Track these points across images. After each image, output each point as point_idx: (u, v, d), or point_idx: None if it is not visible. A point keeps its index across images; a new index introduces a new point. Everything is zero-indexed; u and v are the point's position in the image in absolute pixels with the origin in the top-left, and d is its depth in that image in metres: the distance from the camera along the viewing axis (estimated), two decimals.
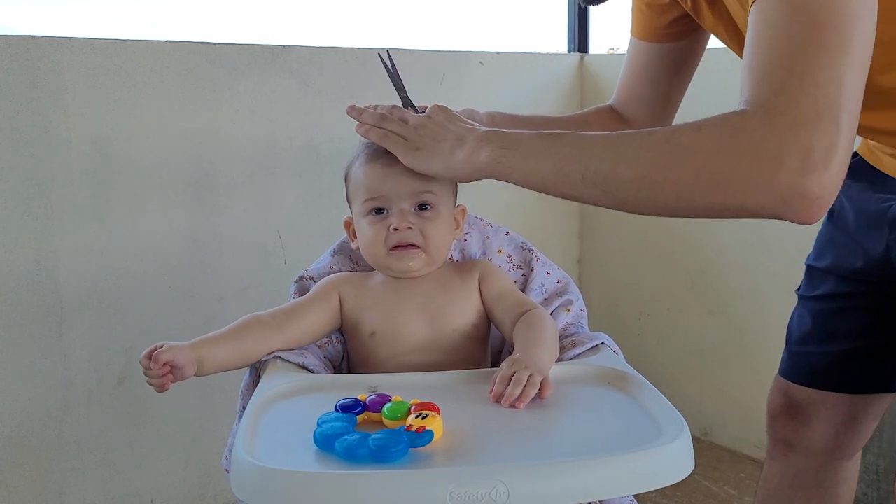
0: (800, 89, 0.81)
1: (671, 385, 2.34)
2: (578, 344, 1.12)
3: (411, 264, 1.13)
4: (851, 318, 1.34)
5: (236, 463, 0.82)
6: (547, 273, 1.25)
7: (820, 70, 0.81)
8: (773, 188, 0.82)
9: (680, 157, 0.86)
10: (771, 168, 0.82)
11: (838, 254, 1.32)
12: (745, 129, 0.83)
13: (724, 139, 0.84)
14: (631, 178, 0.89)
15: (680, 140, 0.87)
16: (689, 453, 0.84)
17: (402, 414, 0.89)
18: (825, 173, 0.81)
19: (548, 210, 2.66)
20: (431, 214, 1.13)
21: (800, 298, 1.42)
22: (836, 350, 1.35)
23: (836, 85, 0.82)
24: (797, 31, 0.83)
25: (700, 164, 0.85)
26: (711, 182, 0.85)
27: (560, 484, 0.78)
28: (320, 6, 2.41)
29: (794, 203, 0.83)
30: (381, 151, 1.11)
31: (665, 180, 0.87)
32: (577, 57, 2.67)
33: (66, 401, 1.85)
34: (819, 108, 0.81)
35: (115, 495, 1.94)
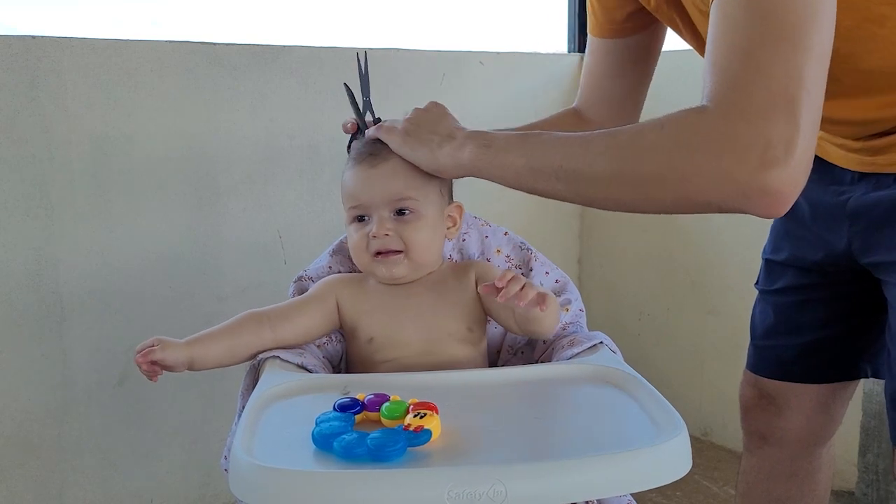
0: (754, 83, 0.81)
1: (671, 385, 2.34)
2: (577, 343, 1.12)
3: (395, 271, 1.13)
4: (814, 309, 1.35)
5: (235, 462, 0.82)
6: (546, 273, 1.25)
7: (775, 64, 0.81)
8: (734, 183, 0.83)
9: (645, 156, 0.88)
10: (730, 163, 0.82)
11: (796, 246, 1.33)
12: (703, 125, 0.84)
13: (684, 136, 0.85)
14: (599, 175, 0.91)
15: (645, 138, 0.88)
16: (687, 452, 0.84)
17: (401, 413, 0.89)
18: (785, 168, 0.81)
19: (548, 210, 2.65)
20: (411, 218, 1.12)
21: (760, 292, 1.43)
22: (801, 342, 1.36)
23: (791, 78, 0.81)
24: (753, 25, 0.83)
25: (664, 161, 0.86)
26: (675, 179, 0.86)
27: (558, 483, 0.78)
28: (320, 6, 2.41)
29: (756, 198, 0.83)
30: (364, 154, 1.14)
31: (632, 178, 0.89)
32: (577, 57, 2.67)
33: (66, 401, 1.85)
34: (774, 101, 0.81)
35: (115, 495, 1.95)
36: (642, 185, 0.89)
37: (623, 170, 0.89)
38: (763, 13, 0.83)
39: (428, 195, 1.14)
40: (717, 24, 0.86)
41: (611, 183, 0.91)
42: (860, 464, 2.11)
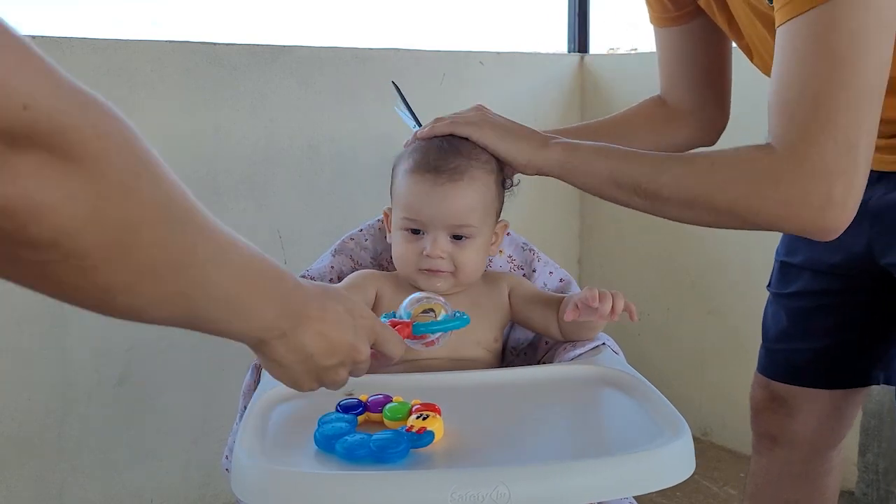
0: (823, 134, 0.92)
1: (671, 385, 2.33)
2: (579, 345, 1.12)
3: (438, 286, 1.12)
4: (829, 314, 1.34)
5: (237, 463, 0.82)
6: (549, 273, 1.25)
7: (842, 113, 0.91)
8: (799, 221, 0.96)
9: (718, 191, 1.00)
10: (797, 208, 0.95)
11: (814, 249, 1.31)
12: (774, 173, 0.95)
13: (755, 179, 0.97)
14: (675, 200, 1.03)
15: (719, 174, 1.00)
16: (690, 454, 0.84)
17: (404, 414, 0.89)
18: (843, 210, 0.94)
19: (548, 210, 2.65)
20: (467, 244, 1.11)
21: (773, 295, 1.42)
22: (814, 347, 1.35)
23: (855, 127, 0.92)
24: (824, 70, 0.92)
25: (736, 199, 0.98)
26: (745, 213, 0.99)
27: (561, 485, 0.78)
28: (320, 6, 2.41)
29: (815, 232, 0.97)
30: (431, 165, 1.09)
31: (706, 206, 1.01)
32: (577, 57, 2.67)
33: (66, 401, 1.85)
34: (840, 155, 0.92)
35: (115, 495, 1.94)
36: (714, 213, 1.02)
37: (698, 199, 1.01)
38: (834, 59, 0.91)
39: (486, 220, 1.13)
40: (787, 59, 0.95)
41: (685, 207, 1.03)
42: (860, 464, 2.11)
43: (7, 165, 0.44)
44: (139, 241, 0.53)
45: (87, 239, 0.49)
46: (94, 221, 0.49)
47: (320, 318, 0.72)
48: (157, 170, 0.54)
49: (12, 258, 0.49)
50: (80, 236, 0.49)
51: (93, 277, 0.52)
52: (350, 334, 0.75)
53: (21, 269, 0.51)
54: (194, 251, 0.58)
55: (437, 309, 0.97)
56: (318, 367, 0.74)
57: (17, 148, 0.44)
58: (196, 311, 0.61)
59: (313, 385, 0.77)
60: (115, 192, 0.50)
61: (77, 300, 0.54)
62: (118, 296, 0.55)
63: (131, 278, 0.54)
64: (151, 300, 0.57)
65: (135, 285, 0.55)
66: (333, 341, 0.73)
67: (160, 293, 0.57)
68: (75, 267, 0.50)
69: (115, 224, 0.50)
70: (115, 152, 0.49)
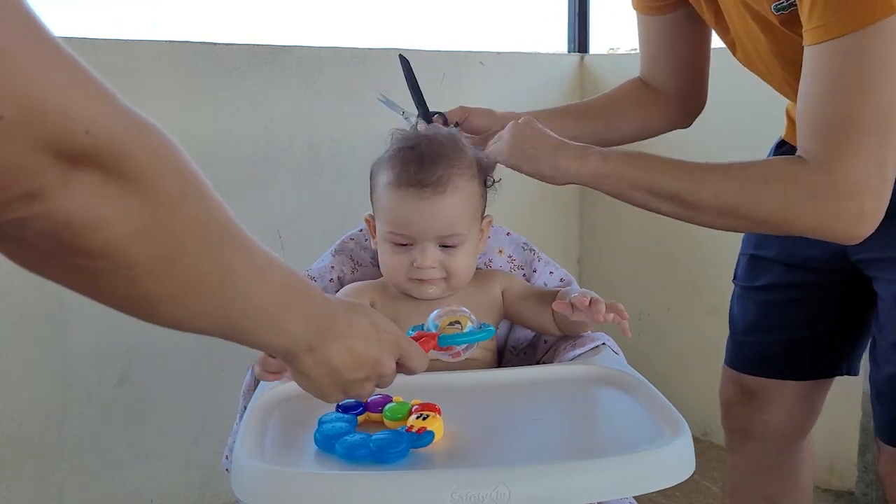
0: (855, 154, 0.98)
1: (671, 385, 2.33)
2: (580, 345, 1.12)
3: (430, 291, 1.12)
4: (799, 307, 1.36)
5: (237, 463, 0.82)
6: (550, 273, 1.25)
7: (873, 134, 0.98)
8: (830, 234, 1.04)
9: (754, 204, 1.05)
10: (829, 222, 1.02)
11: (787, 243, 1.33)
12: (809, 189, 1.01)
13: (792, 196, 1.02)
14: (711, 209, 1.07)
15: (755, 187, 1.05)
16: (691, 454, 0.84)
17: (403, 414, 0.89)
18: (873, 223, 1.01)
19: (548, 210, 2.65)
20: (457, 250, 1.11)
21: (741, 288, 1.44)
22: (783, 339, 1.37)
23: (885, 146, 0.98)
24: (854, 94, 0.97)
25: (771, 212, 1.04)
26: (779, 224, 1.06)
27: (561, 485, 0.78)
28: (320, 6, 2.41)
29: (845, 241, 1.05)
30: (414, 179, 1.08)
31: (742, 216, 1.06)
32: (577, 57, 2.67)
33: (66, 401, 1.85)
34: (871, 173, 0.99)
35: (115, 495, 1.94)
36: (749, 222, 1.09)
37: (734, 210, 1.06)
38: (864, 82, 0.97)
39: (472, 225, 1.13)
40: (820, 80, 1.00)
41: (720, 216, 1.08)
42: (860, 464, 2.11)
43: (69, 183, 0.49)
44: (183, 256, 0.57)
45: (135, 251, 0.54)
46: (143, 236, 0.54)
47: (347, 334, 0.75)
48: (203, 190, 0.59)
49: (69, 266, 0.54)
50: (129, 249, 0.54)
51: (139, 287, 0.57)
52: (375, 349, 0.77)
53: (76, 277, 0.56)
54: (232, 267, 0.62)
55: (464, 321, 0.98)
56: (344, 380, 0.76)
57: (78, 167, 0.49)
58: (233, 324, 0.65)
59: (339, 397, 0.79)
60: (163, 210, 0.54)
61: (125, 307, 0.59)
62: (161, 306, 0.59)
63: (174, 290, 0.59)
64: (193, 312, 0.62)
65: (178, 297, 0.59)
66: (359, 356, 0.76)
67: (201, 305, 0.62)
68: (124, 277, 0.55)
69: (161, 239, 0.55)
70: (165, 174, 0.54)
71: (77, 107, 0.48)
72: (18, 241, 0.52)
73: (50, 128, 0.46)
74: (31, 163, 0.47)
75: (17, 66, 0.44)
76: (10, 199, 0.48)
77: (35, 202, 0.48)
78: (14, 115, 0.45)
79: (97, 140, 0.49)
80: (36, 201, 0.48)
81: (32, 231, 0.50)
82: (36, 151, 0.47)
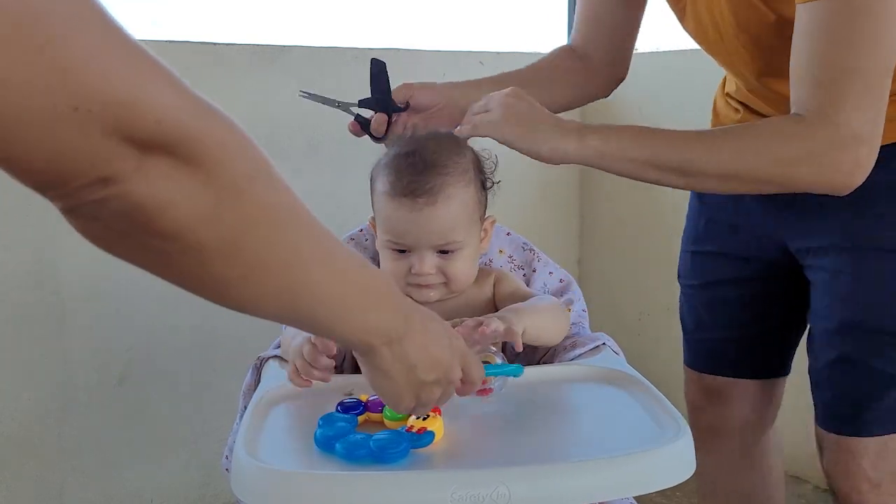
0: (855, 107, 1.01)
1: (671, 385, 2.33)
2: (580, 345, 1.12)
3: (431, 295, 1.11)
4: (743, 304, 1.37)
5: (237, 463, 0.82)
6: (549, 273, 1.25)
7: (871, 87, 1.01)
8: (829, 185, 1.06)
9: (760, 166, 1.06)
10: (829, 174, 1.04)
11: (725, 236, 1.34)
12: (812, 146, 1.03)
13: (795, 154, 1.05)
14: (717, 175, 1.08)
15: (760, 151, 1.06)
16: (691, 455, 0.84)
17: (404, 415, 0.88)
18: (867, 171, 1.03)
19: (548, 210, 2.65)
20: (456, 256, 1.10)
21: (686, 286, 1.44)
22: (732, 336, 1.38)
23: (880, 98, 1.02)
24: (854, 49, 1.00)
25: (777, 172, 1.06)
26: (783, 181, 1.07)
27: (561, 485, 0.78)
28: (320, 6, 2.41)
29: (840, 191, 1.06)
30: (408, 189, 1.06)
31: (747, 179, 1.08)
32: None
33: (66, 401, 1.85)
34: (868, 124, 1.02)
35: (115, 495, 1.94)
36: (753, 184, 1.10)
37: (736, 174, 1.07)
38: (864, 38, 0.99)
39: (471, 229, 1.12)
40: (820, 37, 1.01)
41: (724, 182, 1.09)
42: None
43: (141, 169, 0.51)
44: (249, 239, 0.59)
45: (204, 233, 0.56)
46: (211, 218, 0.56)
47: (423, 331, 0.75)
48: (270, 175, 0.60)
49: (143, 246, 0.57)
50: (198, 231, 0.56)
51: (209, 269, 0.59)
52: (448, 353, 0.78)
53: (150, 257, 0.58)
54: (299, 251, 0.63)
55: (491, 360, 0.97)
56: (418, 381, 0.76)
57: (149, 154, 0.51)
58: (302, 309, 0.66)
59: (411, 403, 0.78)
60: (230, 194, 0.56)
61: (197, 289, 0.62)
62: (231, 287, 0.62)
63: (243, 272, 0.61)
64: (261, 294, 0.63)
65: (246, 278, 0.61)
66: (434, 356, 0.76)
67: (268, 288, 0.63)
68: (194, 258, 0.58)
69: (228, 222, 0.57)
70: (231, 158, 0.56)
71: (148, 97, 0.50)
72: (96, 220, 0.54)
73: (122, 118, 0.49)
74: (105, 150, 0.49)
75: (90, 60, 0.47)
76: (87, 183, 0.51)
77: (110, 186, 0.51)
78: (89, 106, 0.47)
79: (167, 128, 0.51)
80: (110, 185, 0.51)
81: (108, 212, 0.53)
82: (110, 140, 0.49)
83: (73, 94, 0.47)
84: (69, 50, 0.46)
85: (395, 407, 0.80)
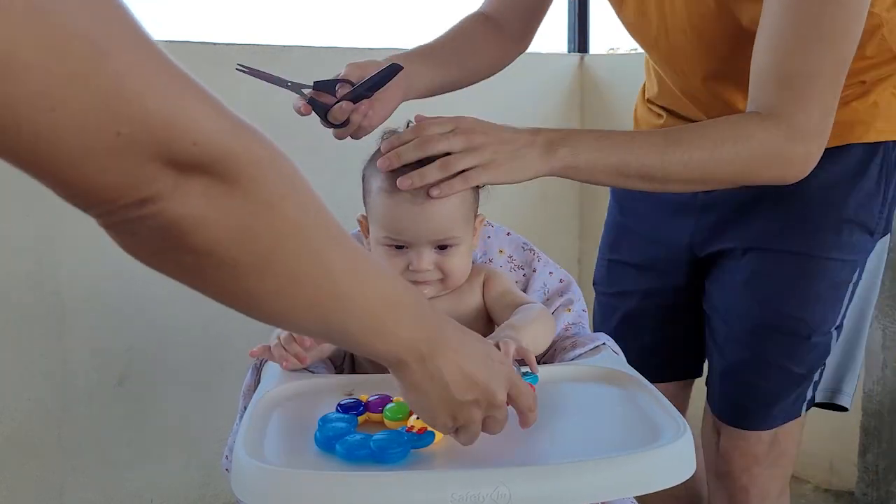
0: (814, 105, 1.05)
1: None
2: (579, 345, 1.12)
3: (426, 291, 1.11)
4: (654, 312, 1.39)
5: (237, 463, 0.82)
6: (549, 273, 1.25)
7: (829, 86, 1.05)
8: (785, 179, 1.10)
9: (722, 167, 1.08)
10: (786, 169, 1.09)
11: (636, 244, 1.36)
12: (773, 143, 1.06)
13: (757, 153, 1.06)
14: (683, 180, 1.09)
15: (723, 154, 1.07)
16: (691, 454, 0.84)
17: (404, 415, 0.88)
18: (814, 164, 1.08)
19: (547, 211, 2.65)
20: (453, 251, 1.10)
21: (600, 293, 1.46)
22: (642, 344, 1.38)
23: (835, 96, 1.06)
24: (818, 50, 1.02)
25: (738, 172, 1.08)
26: (744, 179, 1.10)
27: (562, 486, 0.78)
28: (320, 6, 2.41)
29: (792, 181, 1.10)
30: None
31: (710, 181, 1.11)
32: (577, 57, 2.67)
33: (66, 401, 1.85)
34: (822, 120, 1.06)
35: (115, 495, 1.94)
36: (715, 184, 1.13)
37: (702, 178, 1.09)
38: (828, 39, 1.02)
39: (467, 226, 1.12)
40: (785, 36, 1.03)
41: (689, 184, 1.12)
42: (860, 464, 2.11)
43: (178, 188, 0.53)
44: (282, 254, 0.60)
45: (238, 249, 0.58)
46: (245, 235, 0.57)
47: (457, 350, 0.74)
48: (303, 193, 0.62)
49: (178, 261, 0.58)
50: (232, 247, 0.57)
51: (243, 283, 0.60)
52: (486, 374, 0.76)
53: (186, 272, 0.60)
54: (329, 265, 0.64)
55: None
56: (453, 400, 0.75)
57: (185, 174, 0.53)
58: (333, 322, 0.67)
59: (448, 421, 0.77)
60: (263, 211, 0.58)
61: (231, 302, 0.63)
62: (264, 301, 0.63)
63: (275, 286, 0.62)
64: (293, 306, 0.64)
65: (278, 293, 0.62)
66: (470, 377, 0.75)
67: (300, 301, 0.64)
68: (228, 273, 0.59)
69: (261, 238, 0.59)
70: (265, 176, 0.58)
71: (185, 118, 0.51)
72: (133, 235, 0.56)
73: (161, 141, 0.50)
74: (144, 172, 0.51)
75: (129, 88, 0.48)
76: (126, 204, 0.52)
77: (148, 205, 0.52)
78: (130, 130, 0.48)
79: (204, 149, 0.52)
80: (149, 204, 0.52)
81: (144, 229, 0.54)
82: (149, 162, 0.50)
83: (117, 119, 0.48)
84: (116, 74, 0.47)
85: (432, 424, 0.79)
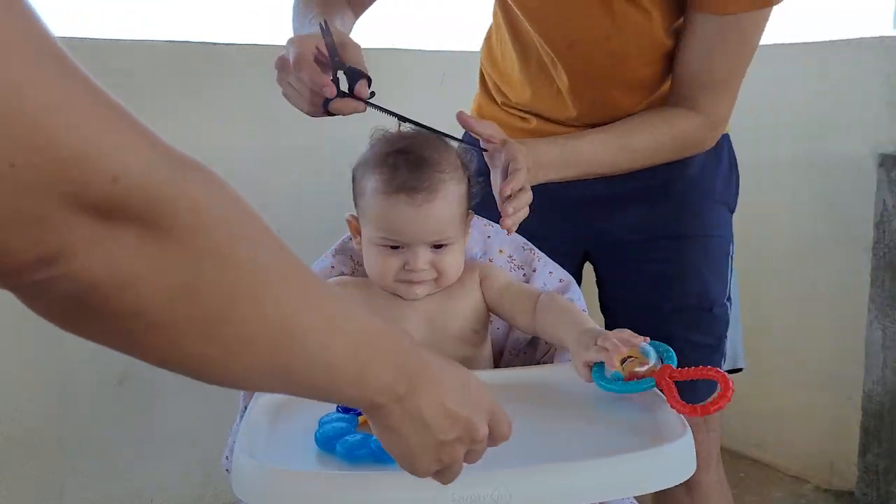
0: (731, 102, 1.30)
1: None
2: None
3: (419, 292, 1.12)
4: None
5: (237, 463, 0.82)
6: (549, 273, 1.25)
7: (736, 87, 1.28)
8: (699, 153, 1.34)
9: (663, 157, 1.31)
10: (701, 148, 1.33)
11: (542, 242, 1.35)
12: (702, 134, 1.31)
13: (691, 142, 1.31)
14: (629, 169, 1.30)
15: (663, 147, 1.29)
16: (691, 454, 0.84)
17: None
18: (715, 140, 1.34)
19: None
20: (447, 249, 1.11)
21: None
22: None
23: (736, 92, 1.29)
24: (742, 60, 1.25)
25: (675, 156, 1.31)
26: (670, 160, 1.31)
27: (562, 486, 0.79)
28: None
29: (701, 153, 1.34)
30: (402, 184, 1.07)
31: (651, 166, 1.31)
32: None
33: (66, 401, 1.85)
34: (729, 113, 1.31)
35: (115, 495, 1.94)
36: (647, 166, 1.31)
37: (644, 164, 1.30)
38: (749, 50, 1.24)
39: (462, 225, 1.13)
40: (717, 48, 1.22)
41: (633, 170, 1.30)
42: (860, 464, 2.11)
43: (96, 241, 0.42)
44: (234, 314, 0.50)
45: (176, 311, 0.48)
46: (186, 294, 0.47)
47: (438, 383, 0.66)
48: (257, 236, 0.52)
49: (101, 328, 0.48)
50: (169, 308, 0.47)
51: (183, 347, 0.50)
52: (467, 408, 0.67)
53: (113, 337, 0.50)
54: (296, 322, 0.55)
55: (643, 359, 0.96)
56: (436, 441, 0.66)
57: (107, 222, 0.42)
58: (299, 381, 0.58)
59: (431, 465, 0.67)
60: (209, 264, 0.48)
61: (169, 366, 0.53)
62: (210, 365, 0.53)
63: (224, 351, 0.52)
64: (247, 371, 0.54)
65: (229, 357, 0.52)
66: (451, 412, 0.66)
67: (257, 365, 0.54)
68: (163, 337, 0.49)
69: (205, 296, 0.48)
70: (210, 222, 0.47)
71: (102, 150, 0.41)
72: (36, 300, 0.46)
73: (70, 176, 0.40)
74: (50, 218, 0.40)
75: (29, 106, 0.38)
76: (29, 260, 0.41)
77: (56, 265, 0.42)
78: (26, 161, 0.38)
79: (128, 188, 0.42)
80: (57, 264, 0.42)
81: (53, 293, 0.44)
82: (55, 204, 0.40)
83: (12, 145, 0.37)
84: (11, 85, 0.37)
85: (411, 470, 0.68)
